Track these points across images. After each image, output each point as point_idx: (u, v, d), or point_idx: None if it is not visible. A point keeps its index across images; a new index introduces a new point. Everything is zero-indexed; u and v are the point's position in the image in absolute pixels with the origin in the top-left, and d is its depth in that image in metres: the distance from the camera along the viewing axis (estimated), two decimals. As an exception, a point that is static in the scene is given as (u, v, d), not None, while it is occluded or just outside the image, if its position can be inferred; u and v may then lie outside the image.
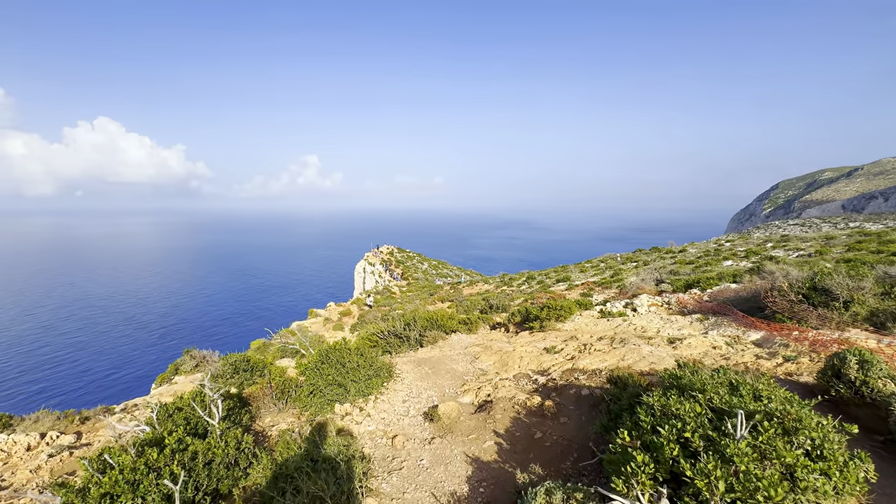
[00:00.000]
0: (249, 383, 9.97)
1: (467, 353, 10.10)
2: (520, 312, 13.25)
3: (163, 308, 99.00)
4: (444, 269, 79.58)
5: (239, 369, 11.03)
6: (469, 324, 12.81)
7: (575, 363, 7.44)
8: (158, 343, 74.11)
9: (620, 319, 10.59)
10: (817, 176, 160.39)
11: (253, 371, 11.21)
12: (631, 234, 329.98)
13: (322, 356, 7.74)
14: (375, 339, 11.99)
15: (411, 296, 44.83)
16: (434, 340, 11.42)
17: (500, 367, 8.63)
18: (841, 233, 42.35)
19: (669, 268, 32.18)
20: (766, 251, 34.98)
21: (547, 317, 11.46)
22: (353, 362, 7.86)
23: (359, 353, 8.15)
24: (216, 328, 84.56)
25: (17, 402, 49.23)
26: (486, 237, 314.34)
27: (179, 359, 16.23)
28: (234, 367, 10.98)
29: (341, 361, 7.68)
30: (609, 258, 51.44)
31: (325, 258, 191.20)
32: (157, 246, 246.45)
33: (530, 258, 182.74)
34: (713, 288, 12.96)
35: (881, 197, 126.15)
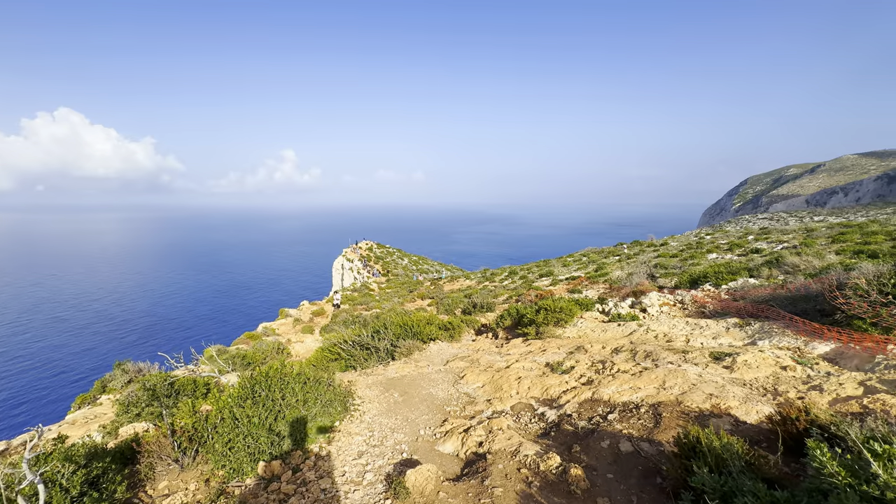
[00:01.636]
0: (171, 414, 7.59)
1: (449, 369, 7.98)
2: (510, 314, 11.21)
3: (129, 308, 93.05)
4: (425, 264, 77.39)
5: (159, 395, 8.61)
6: (451, 329, 10.69)
7: (595, 391, 5.41)
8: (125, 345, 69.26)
9: (635, 324, 8.68)
10: (783, 172, 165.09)
11: (179, 396, 8.81)
12: (608, 228, 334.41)
13: (246, 389, 5.50)
14: (337, 352, 9.76)
15: (390, 293, 42.47)
16: (409, 352, 9.26)
17: (493, 392, 6.55)
18: (818, 225, 42.14)
19: (654, 261, 30.88)
20: (748, 244, 34.13)
21: (544, 321, 9.45)
22: (295, 395, 5.65)
23: (302, 380, 5.91)
24: (187, 329, 79.68)
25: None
26: (467, 232, 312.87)
27: (109, 373, 13.56)
28: (153, 392, 8.55)
29: (272, 397, 5.44)
30: (591, 252, 50.28)
31: (303, 254, 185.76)
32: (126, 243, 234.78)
33: (510, 253, 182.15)
34: (728, 284, 11.26)
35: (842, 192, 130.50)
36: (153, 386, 8.54)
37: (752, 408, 4.19)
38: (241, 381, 5.68)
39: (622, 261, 36.04)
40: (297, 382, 5.84)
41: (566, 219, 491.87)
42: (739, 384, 4.89)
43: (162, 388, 8.49)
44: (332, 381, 6.80)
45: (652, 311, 10.08)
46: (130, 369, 13.49)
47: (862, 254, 13.36)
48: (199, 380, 9.83)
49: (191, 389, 8.90)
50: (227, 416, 5.23)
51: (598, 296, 20.01)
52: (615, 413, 4.75)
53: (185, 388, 8.91)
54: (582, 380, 6.03)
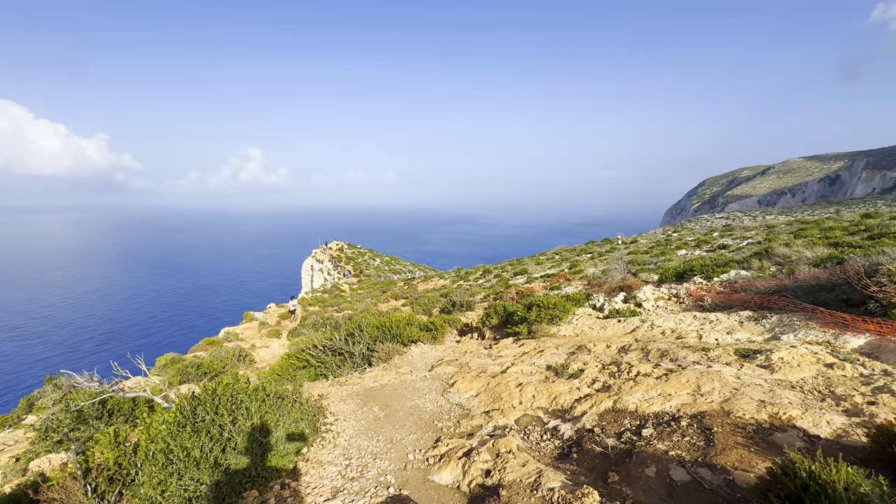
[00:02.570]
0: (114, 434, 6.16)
1: (437, 375, 6.95)
2: (496, 312, 10.30)
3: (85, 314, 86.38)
4: (397, 264, 75.94)
5: (87, 417, 7.13)
6: (434, 330, 9.66)
7: (617, 399, 4.54)
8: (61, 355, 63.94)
9: (637, 320, 7.95)
10: (737, 174, 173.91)
11: (113, 418, 7.35)
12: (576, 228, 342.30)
13: (185, 413, 4.28)
14: (305, 358, 8.52)
15: (363, 293, 40.93)
16: (388, 357, 8.16)
17: (491, 402, 5.58)
18: (778, 221, 43.88)
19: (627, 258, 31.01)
20: (714, 240, 34.93)
21: (537, 318, 8.58)
22: (250, 416, 4.47)
23: (260, 397, 4.73)
24: (149, 335, 74.64)
25: None
26: (439, 233, 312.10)
27: (38, 389, 11.67)
28: (78, 413, 7.06)
29: (220, 422, 4.24)
30: (563, 250, 50.51)
31: (272, 256, 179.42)
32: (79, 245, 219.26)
33: (482, 253, 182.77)
34: (720, 276, 10.82)
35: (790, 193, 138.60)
36: (80, 406, 7.05)
37: (819, 418, 3.42)
38: (179, 401, 4.44)
39: (594, 258, 36.13)
40: (254, 400, 4.65)
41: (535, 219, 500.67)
42: (787, 387, 4.14)
43: (91, 408, 7.02)
44: (299, 394, 5.63)
45: (647, 306, 9.44)
46: (64, 384, 11.66)
47: (842, 246, 13.39)
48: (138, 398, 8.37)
49: (128, 409, 7.45)
50: (159, 448, 4.00)
51: (578, 292, 19.47)
52: (649, 428, 3.88)
53: (122, 407, 7.45)
54: (596, 385, 5.15)
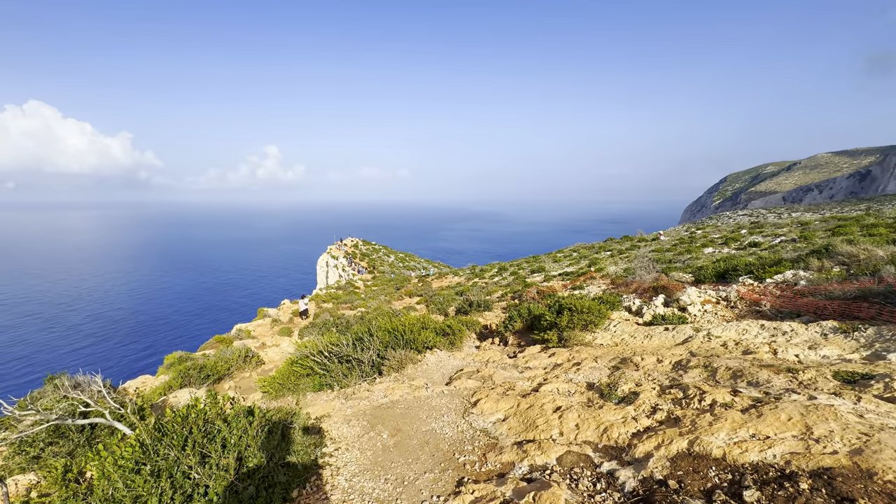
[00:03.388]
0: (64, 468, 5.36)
1: (455, 391, 5.97)
2: (521, 315, 9.25)
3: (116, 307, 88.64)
4: (412, 261, 75.33)
5: (68, 430, 6.37)
6: (451, 334, 8.68)
7: (694, 438, 3.48)
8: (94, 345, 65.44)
9: (689, 329, 6.80)
10: (761, 170, 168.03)
11: (98, 428, 6.59)
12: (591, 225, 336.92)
13: (147, 447, 3.39)
14: (310, 366, 7.64)
15: (376, 290, 40.28)
16: (400, 366, 7.21)
17: (522, 430, 4.58)
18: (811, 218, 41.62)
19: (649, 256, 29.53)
20: (742, 237, 33.11)
21: (569, 324, 7.51)
22: (229, 450, 3.56)
23: (241, 426, 3.82)
24: (175, 328, 76.20)
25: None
26: (453, 229, 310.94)
27: (38, 389, 11.10)
28: (56, 431, 6.30)
29: (188, 462, 3.34)
30: (581, 247, 49.00)
31: (289, 252, 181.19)
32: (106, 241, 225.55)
33: (496, 249, 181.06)
34: (773, 277, 9.54)
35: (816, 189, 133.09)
36: (70, 413, 6.29)
37: None
38: (137, 434, 3.56)
39: (614, 256, 34.64)
40: (235, 430, 3.75)
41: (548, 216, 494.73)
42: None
43: (72, 431, 6.25)
44: (293, 417, 4.71)
45: (693, 311, 8.27)
46: (63, 385, 11.07)
47: None
48: (137, 400, 7.62)
49: (113, 417, 6.67)
50: (104, 496, 3.12)
51: (604, 292, 18.31)
52: (751, 488, 2.81)
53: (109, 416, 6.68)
54: (658, 415, 4.08)
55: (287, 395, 7.02)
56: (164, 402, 8.96)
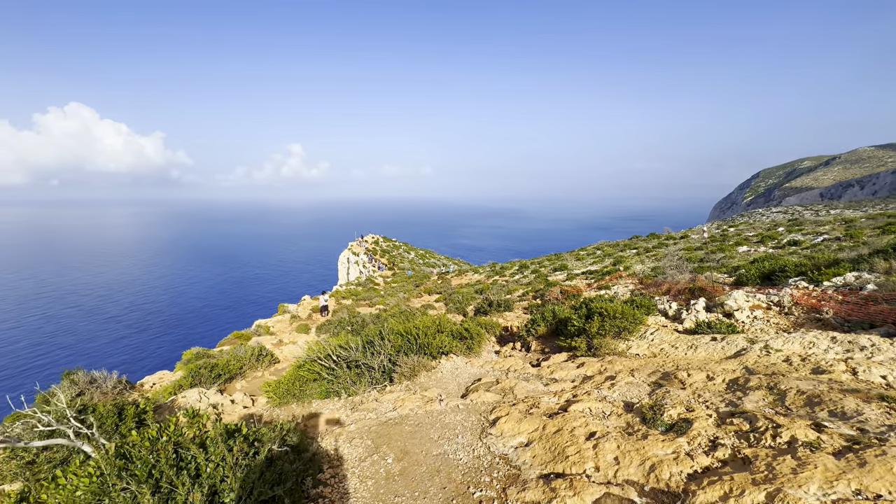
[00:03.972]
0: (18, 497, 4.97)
1: (472, 406, 5.30)
2: (544, 318, 8.48)
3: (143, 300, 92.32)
4: (432, 258, 74.95)
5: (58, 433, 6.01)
6: (468, 338, 8.00)
7: (773, 491, 2.70)
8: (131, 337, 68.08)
9: (742, 340, 5.87)
10: (797, 165, 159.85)
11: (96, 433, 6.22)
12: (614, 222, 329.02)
13: (108, 474, 2.86)
14: (318, 370, 7.12)
15: (396, 287, 39.96)
16: (413, 373, 6.59)
17: (549, 458, 3.87)
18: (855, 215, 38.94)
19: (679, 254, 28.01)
20: (780, 235, 31.10)
21: (600, 331, 6.71)
22: (197, 487, 3.00)
23: (219, 454, 3.26)
24: (204, 320, 78.74)
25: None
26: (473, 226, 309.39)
27: (55, 385, 11.06)
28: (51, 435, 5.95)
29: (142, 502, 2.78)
30: (605, 245, 47.43)
31: (312, 248, 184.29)
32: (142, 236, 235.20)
33: (518, 247, 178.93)
34: (832, 279, 8.43)
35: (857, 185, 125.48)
36: (56, 418, 5.96)
37: None
38: (96, 462, 3.04)
39: (641, 254, 33.17)
40: (213, 456, 3.19)
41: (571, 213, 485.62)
42: None
43: (67, 424, 5.91)
44: (288, 435, 4.14)
45: (741, 317, 7.32)
46: (80, 380, 10.99)
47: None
48: (141, 402, 7.28)
49: (111, 426, 6.30)
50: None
51: (632, 293, 17.31)
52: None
53: (106, 420, 6.32)
54: (720, 453, 3.29)
55: (291, 403, 6.51)
56: (173, 402, 8.66)
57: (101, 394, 10.99)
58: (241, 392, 9.38)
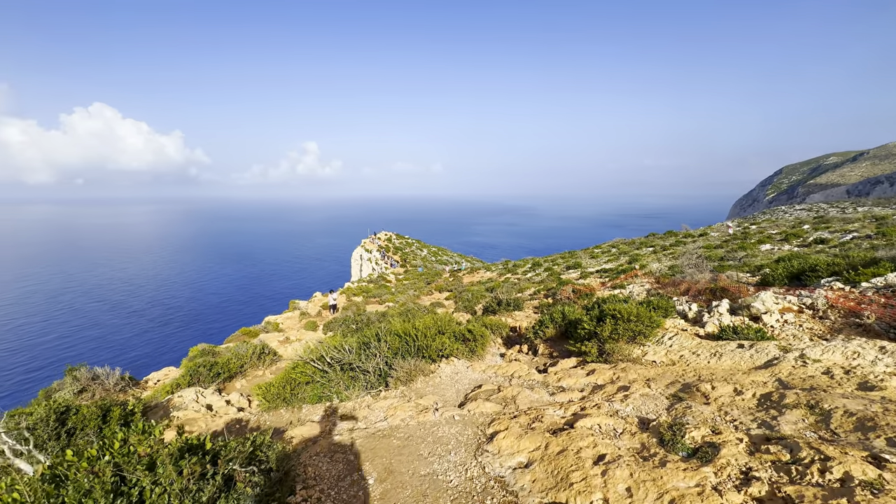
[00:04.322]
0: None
1: (469, 418, 4.82)
2: (553, 320, 7.93)
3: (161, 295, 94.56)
4: (444, 255, 74.54)
5: (40, 439, 5.71)
6: (472, 340, 7.51)
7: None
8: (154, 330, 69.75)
9: (774, 348, 5.21)
10: (822, 161, 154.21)
11: (75, 437, 5.91)
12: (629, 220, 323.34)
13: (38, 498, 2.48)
14: (311, 372, 6.72)
15: (407, 284, 39.67)
16: (409, 378, 6.13)
17: (552, 487, 3.36)
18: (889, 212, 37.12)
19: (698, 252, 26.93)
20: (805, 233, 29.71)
21: (613, 335, 6.14)
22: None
23: (168, 475, 2.86)
24: (224, 315, 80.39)
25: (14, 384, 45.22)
26: (486, 224, 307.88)
27: (57, 381, 10.99)
28: (30, 432, 5.66)
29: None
30: (620, 243, 46.28)
31: (326, 245, 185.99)
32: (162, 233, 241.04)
33: (530, 244, 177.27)
34: (870, 280, 7.64)
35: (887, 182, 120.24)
36: (34, 423, 5.69)
37: None
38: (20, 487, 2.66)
39: (657, 252, 32.12)
40: (162, 480, 2.79)
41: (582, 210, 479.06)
42: None
43: (45, 428, 5.62)
44: (260, 450, 3.73)
45: (770, 321, 6.64)
46: (83, 376, 10.88)
47: None
48: (130, 402, 7.00)
49: (94, 428, 6.00)
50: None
51: (648, 292, 16.58)
52: None
53: (89, 422, 6.03)
54: (755, 489, 2.74)
55: (281, 407, 6.13)
56: (169, 402, 8.40)
57: (103, 390, 10.88)
58: (238, 392, 9.08)
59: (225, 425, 5.82)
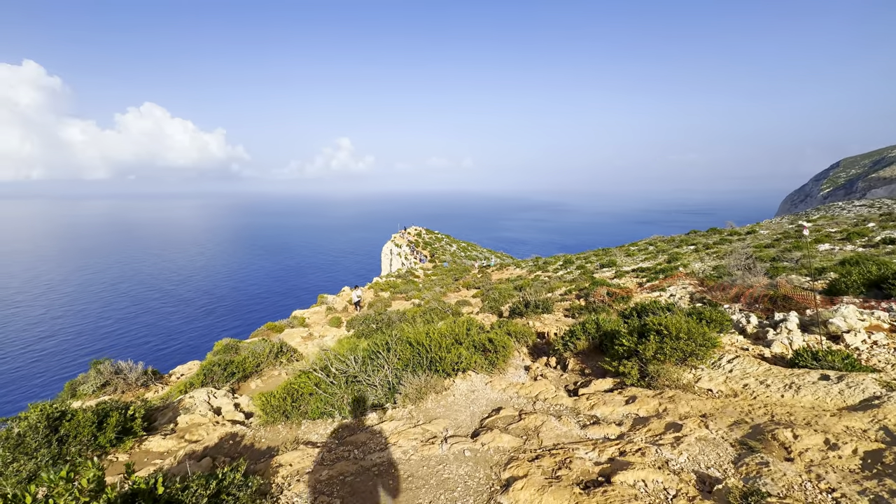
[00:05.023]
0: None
1: (481, 454, 4.04)
2: (586, 331, 6.97)
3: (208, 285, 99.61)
4: (474, 250, 73.62)
5: (28, 447, 5.40)
6: (492, 351, 6.70)
7: None
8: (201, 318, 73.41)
9: (873, 383, 4.08)
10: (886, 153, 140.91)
11: (67, 444, 5.58)
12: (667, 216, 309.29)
13: None
14: (316, 382, 6.14)
15: (434, 280, 39.13)
16: (419, 396, 5.41)
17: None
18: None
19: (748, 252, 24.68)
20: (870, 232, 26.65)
21: (658, 354, 5.16)
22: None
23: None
24: (265, 304, 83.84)
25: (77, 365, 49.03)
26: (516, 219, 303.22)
27: (82, 374, 11.08)
28: (19, 440, 5.36)
29: None
30: (658, 240, 43.74)
31: (359, 239, 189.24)
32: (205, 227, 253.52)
33: (562, 241, 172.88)
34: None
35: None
36: (23, 430, 5.39)
37: None
38: None
39: (699, 251, 29.90)
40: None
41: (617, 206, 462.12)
42: None
43: (34, 436, 5.32)
44: (227, 489, 3.11)
45: (853, 342, 5.43)
46: (107, 370, 10.91)
47: None
48: (132, 407, 6.67)
49: (88, 436, 5.66)
50: None
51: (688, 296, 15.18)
52: None
53: (83, 429, 5.70)
54: None
55: (279, 422, 5.57)
56: (180, 403, 8.12)
57: (125, 385, 10.89)
58: (247, 396, 8.72)
59: (219, 439, 5.32)
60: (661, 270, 22.85)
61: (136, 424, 6.15)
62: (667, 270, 22.55)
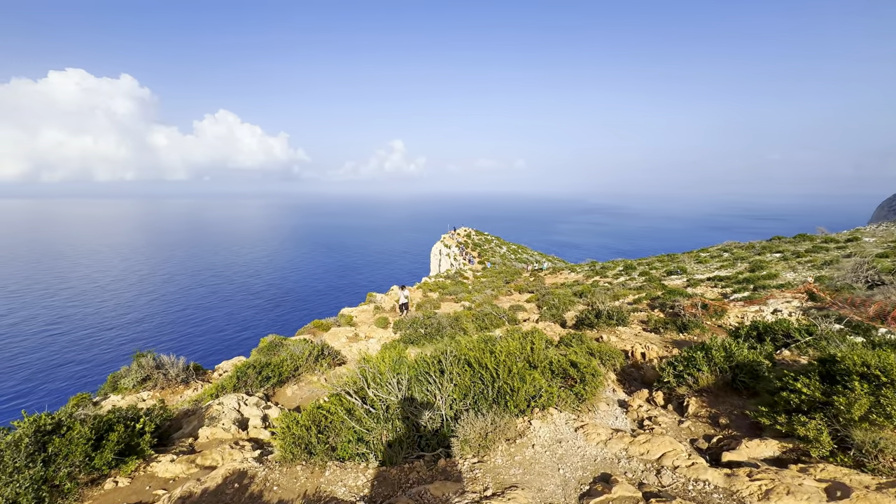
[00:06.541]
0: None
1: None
2: (712, 363, 4.98)
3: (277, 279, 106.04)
4: (524, 253, 70.76)
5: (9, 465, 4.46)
6: (578, 381, 4.93)
7: None
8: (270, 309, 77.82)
9: None
10: None
11: (54, 463, 4.59)
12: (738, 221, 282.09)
13: None
14: (349, 408, 4.76)
15: (484, 282, 37.32)
16: (483, 446, 3.81)
17: None
18: None
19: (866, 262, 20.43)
20: None
21: (871, 415, 3.17)
22: None
23: None
24: (319, 298, 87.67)
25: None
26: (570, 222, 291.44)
27: (124, 367, 10.64)
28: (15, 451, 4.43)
29: None
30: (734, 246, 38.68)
31: (410, 239, 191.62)
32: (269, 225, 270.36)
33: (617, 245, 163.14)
34: None
35: None
36: (18, 439, 4.49)
37: None
38: None
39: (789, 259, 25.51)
40: None
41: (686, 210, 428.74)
42: None
43: (14, 455, 4.38)
44: None
45: None
46: (147, 364, 10.41)
47: None
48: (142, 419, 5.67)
49: (81, 457, 4.65)
50: None
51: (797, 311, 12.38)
52: None
53: (75, 447, 4.69)
54: None
55: (299, 462, 4.20)
56: (208, 410, 7.17)
57: (165, 380, 10.34)
58: (278, 408, 7.61)
59: (223, 479, 4.06)
60: (746, 280, 19.47)
61: (145, 441, 5.14)
62: (752, 280, 19.15)
